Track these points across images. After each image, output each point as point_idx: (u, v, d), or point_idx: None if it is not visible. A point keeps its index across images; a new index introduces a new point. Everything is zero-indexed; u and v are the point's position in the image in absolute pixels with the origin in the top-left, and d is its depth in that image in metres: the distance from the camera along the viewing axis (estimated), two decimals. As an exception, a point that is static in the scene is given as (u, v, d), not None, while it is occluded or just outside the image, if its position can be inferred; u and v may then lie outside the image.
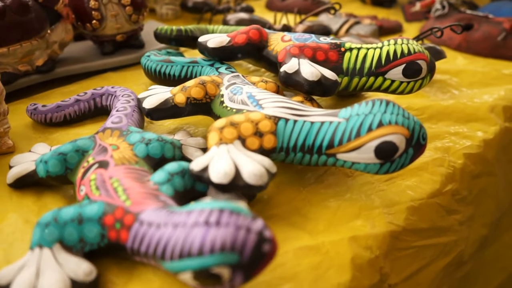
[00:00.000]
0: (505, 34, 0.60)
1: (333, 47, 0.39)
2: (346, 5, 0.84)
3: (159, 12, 0.75)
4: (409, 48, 0.37)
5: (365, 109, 0.29)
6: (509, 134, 0.45)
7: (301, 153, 0.30)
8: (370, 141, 0.28)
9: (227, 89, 0.36)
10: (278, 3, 0.78)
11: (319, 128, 0.30)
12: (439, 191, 0.34)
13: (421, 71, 0.37)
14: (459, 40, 0.63)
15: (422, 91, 0.49)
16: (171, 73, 0.44)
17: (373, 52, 0.38)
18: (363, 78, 0.39)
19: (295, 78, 0.35)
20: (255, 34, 0.42)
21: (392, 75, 0.38)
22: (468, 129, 0.43)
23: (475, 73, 0.54)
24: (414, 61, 0.37)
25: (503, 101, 0.47)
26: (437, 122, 0.43)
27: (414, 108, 0.44)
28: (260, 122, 0.30)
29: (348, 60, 0.39)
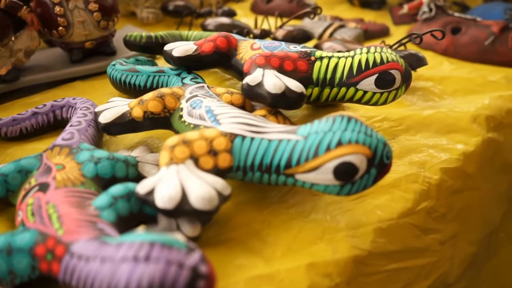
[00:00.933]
0: (494, 38, 0.58)
1: (302, 56, 0.37)
2: (334, 7, 0.83)
3: (140, 16, 0.74)
4: (382, 57, 0.36)
5: (325, 126, 0.27)
6: (493, 145, 0.43)
7: (259, 172, 0.29)
8: (328, 162, 0.26)
9: (187, 102, 0.34)
10: (262, 5, 0.76)
11: (276, 147, 0.28)
12: (411, 210, 0.33)
13: (395, 81, 0.36)
14: (446, 45, 0.61)
15: (402, 100, 0.48)
16: (136, 83, 0.42)
17: (345, 61, 0.37)
18: (334, 88, 0.37)
19: (257, 90, 0.33)
20: (222, 42, 0.40)
21: (364, 86, 0.36)
22: (448, 141, 0.41)
23: (460, 80, 0.52)
24: (386, 71, 0.35)
25: (487, 111, 0.45)
26: (415, 134, 0.41)
27: (391, 118, 0.43)
28: (215, 140, 0.28)
29: (318, 70, 0.37)
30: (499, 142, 0.44)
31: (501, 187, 0.45)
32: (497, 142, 0.44)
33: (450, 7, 0.68)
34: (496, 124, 0.45)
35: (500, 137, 0.45)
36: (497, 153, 0.44)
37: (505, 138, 0.45)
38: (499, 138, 0.44)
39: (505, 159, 0.46)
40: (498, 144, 0.44)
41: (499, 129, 0.45)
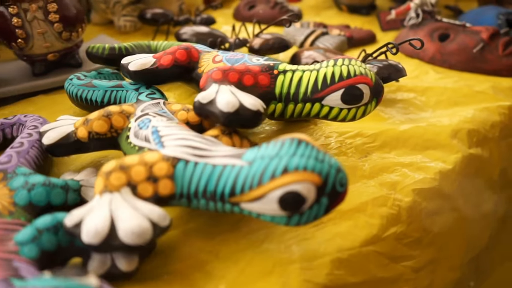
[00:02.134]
0: (483, 45, 0.56)
1: (265, 69, 0.36)
2: (321, 12, 0.81)
3: (117, 24, 0.73)
4: (349, 70, 0.34)
5: (272, 150, 0.25)
6: (476, 161, 0.41)
7: (204, 200, 0.27)
8: (273, 191, 0.24)
9: (136, 122, 0.32)
10: (244, 12, 0.75)
11: (220, 173, 0.26)
12: (377, 236, 0.31)
13: (362, 96, 0.34)
14: (433, 52, 0.59)
15: (380, 113, 0.46)
16: (93, 99, 0.40)
17: (309, 75, 0.35)
18: (299, 104, 0.35)
19: (209, 109, 0.31)
20: (182, 54, 0.39)
21: (329, 101, 0.34)
22: (425, 158, 0.39)
23: (444, 90, 0.50)
24: (353, 86, 0.34)
25: (469, 124, 0.43)
26: (389, 151, 0.39)
27: (365, 134, 0.41)
28: (155, 165, 0.27)
29: (281, 84, 0.35)
30: (483, 158, 0.42)
31: (487, 206, 0.43)
32: (481, 158, 0.42)
33: (439, 13, 0.66)
34: (480, 138, 0.43)
35: (484, 152, 0.43)
36: (480, 170, 0.42)
37: (490, 154, 0.43)
38: (483, 154, 0.42)
39: (490, 176, 0.44)
40: (481, 160, 0.42)
41: (483, 144, 0.43)
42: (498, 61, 0.55)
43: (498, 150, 0.45)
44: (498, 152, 0.45)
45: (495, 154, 0.44)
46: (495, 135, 0.45)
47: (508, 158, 0.46)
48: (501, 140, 0.46)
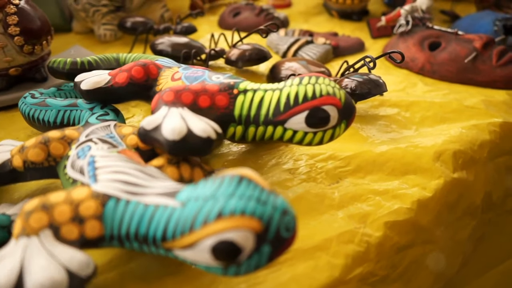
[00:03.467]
0: (475, 55, 0.52)
1: (224, 89, 0.33)
2: (309, 19, 0.78)
3: (97, 33, 0.70)
4: (314, 90, 0.31)
5: (209, 190, 0.22)
6: (459, 187, 0.38)
7: (136, 243, 0.24)
8: (205, 239, 0.21)
9: (77, 149, 0.30)
10: (229, 19, 0.72)
11: (152, 214, 0.23)
12: (339, 280, 0.28)
13: (329, 119, 0.31)
14: (422, 62, 0.55)
15: (358, 132, 0.42)
16: (45, 119, 0.38)
17: (271, 95, 0.32)
18: (260, 127, 0.32)
19: (153, 136, 0.28)
20: (138, 72, 0.36)
21: (293, 124, 0.31)
22: (402, 184, 0.35)
23: (432, 105, 0.47)
24: (318, 107, 0.30)
25: (455, 144, 0.40)
26: (364, 176, 0.36)
27: (339, 157, 0.37)
28: (82, 204, 0.24)
29: (241, 105, 0.32)
30: (468, 182, 0.39)
31: (464, 232, 0.39)
32: (465, 183, 0.38)
33: (431, 19, 0.62)
34: (466, 160, 0.40)
35: (469, 176, 0.39)
36: (463, 195, 0.38)
37: (475, 177, 0.40)
38: (467, 178, 0.39)
39: (473, 201, 0.40)
40: (465, 185, 0.38)
41: (469, 166, 0.40)
42: (491, 72, 0.52)
43: (484, 172, 0.41)
44: (484, 174, 0.41)
45: (481, 177, 0.41)
46: (483, 156, 0.41)
47: (494, 181, 0.43)
48: (488, 162, 0.42)
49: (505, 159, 0.45)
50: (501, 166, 0.44)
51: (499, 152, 0.44)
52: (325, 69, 0.51)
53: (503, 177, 0.45)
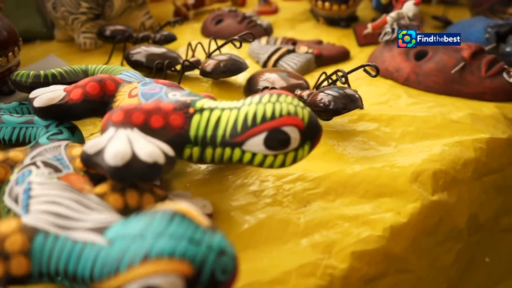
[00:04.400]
0: (463, 65, 0.50)
1: (179, 107, 0.31)
2: (296, 25, 0.76)
3: (77, 41, 0.68)
4: (274, 109, 0.29)
5: (139, 227, 0.20)
6: (439, 210, 0.35)
7: (67, 281, 0.22)
8: (129, 283, 0.19)
9: (18, 174, 0.28)
10: (211, 27, 0.70)
11: (80, 251, 0.21)
12: (296, 319, 0.25)
13: (289, 141, 0.28)
14: (408, 72, 0.53)
15: (334, 149, 0.40)
16: (0, 137, 0.36)
17: (229, 114, 0.30)
18: (217, 149, 0.30)
19: (96, 161, 0.26)
20: (93, 88, 0.34)
21: (251, 146, 0.29)
22: (375, 209, 0.33)
23: (414, 120, 0.44)
24: (278, 129, 0.28)
25: (436, 164, 0.38)
26: (334, 199, 0.34)
27: (308, 178, 0.35)
28: (8, 238, 0.22)
29: (197, 125, 0.30)
30: (449, 204, 0.36)
31: (447, 258, 0.37)
32: (446, 205, 0.36)
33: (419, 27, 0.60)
34: (447, 180, 0.37)
35: (451, 197, 0.37)
36: (444, 219, 0.36)
37: (457, 199, 0.37)
38: (449, 200, 0.37)
39: (456, 224, 0.37)
40: (446, 207, 0.36)
41: (451, 187, 0.37)
42: (479, 83, 0.49)
43: (468, 193, 0.39)
44: (469, 195, 0.39)
45: (465, 199, 0.38)
46: (467, 175, 0.39)
47: (480, 202, 0.41)
48: (473, 181, 0.40)
49: (493, 178, 0.42)
50: (488, 185, 0.42)
51: (486, 171, 0.42)
52: (303, 81, 0.49)
53: (492, 197, 0.43)
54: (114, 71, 0.44)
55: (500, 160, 0.43)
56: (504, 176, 0.44)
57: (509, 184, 0.45)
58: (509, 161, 0.44)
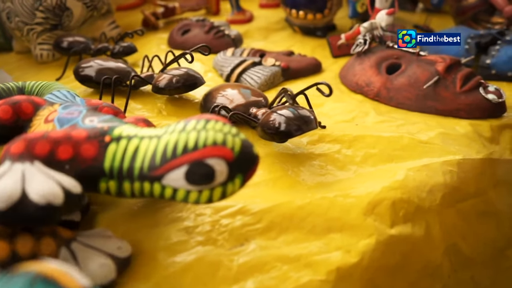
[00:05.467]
0: (437, 79, 0.47)
1: (94, 135, 0.27)
2: (272, 34, 0.73)
3: (34, 53, 0.65)
4: (198, 138, 0.25)
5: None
6: (400, 245, 0.32)
7: None
8: None
9: None
10: (177, 37, 0.67)
11: None
12: None
13: (214, 175, 0.25)
14: (379, 87, 0.50)
15: (287, 174, 0.37)
16: None
17: (148, 144, 0.26)
18: (136, 183, 0.27)
19: (-21, 202, 0.23)
20: (5, 111, 0.31)
21: (171, 181, 0.26)
22: (322, 247, 0.30)
23: (379, 140, 0.41)
24: (200, 161, 0.25)
25: (397, 192, 0.34)
26: (276, 236, 0.30)
27: (250, 211, 0.32)
28: None
29: (112, 155, 0.27)
30: (415, 238, 0.33)
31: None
32: (411, 239, 0.32)
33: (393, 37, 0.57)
34: (410, 211, 0.34)
35: (417, 229, 0.33)
36: (412, 254, 0.32)
37: (426, 230, 0.34)
38: (414, 232, 0.33)
39: (430, 260, 0.34)
40: (412, 241, 0.32)
41: (416, 217, 0.34)
42: (454, 99, 0.46)
43: (440, 223, 0.35)
44: (442, 225, 0.36)
45: (436, 229, 0.35)
46: (435, 203, 0.36)
47: (460, 231, 0.37)
48: (445, 209, 0.36)
49: (472, 204, 0.39)
50: (468, 212, 0.38)
51: (461, 196, 0.38)
52: (263, 98, 0.46)
53: (476, 226, 0.39)
54: (52, 89, 0.41)
55: (478, 183, 0.40)
56: (486, 201, 0.40)
57: (498, 209, 0.41)
58: (490, 183, 0.41)
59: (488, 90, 0.46)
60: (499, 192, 0.41)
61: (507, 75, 0.54)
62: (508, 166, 0.42)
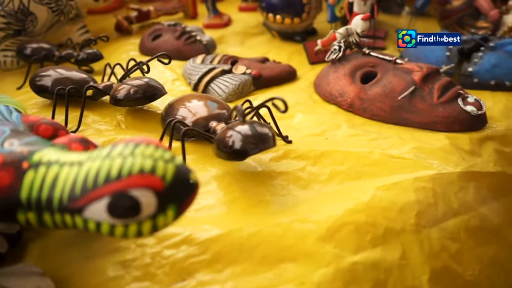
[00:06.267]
0: (413, 89, 0.44)
1: (10, 161, 0.25)
2: (249, 39, 0.70)
3: (-3, 59, 0.63)
4: (122, 166, 0.23)
5: None
6: (371, 271, 0.29)
7: None
8: None
9: None
10: (148, 43, 0.64)
11: None
12: None
13: (139, 207, 0.22)
14: (352, 97, 0.47)
15: (244, 195, 0.34)
16: None
17: (68, 172, 0.24)
18: (56, 215, 0.24)
19: None
20: None
21: (92, 214, 0.23)
22: (274, 279, 0.27)
23: (347, 156, 0.38)
24: (123, 193, 0.22)
25: (361, 215, 0.31)
26: (222, 269, 0.28)
27: (196, 240, 0.29)
28: None
29: (29, 184, 0.24)
30: (387, 263, 0.30)
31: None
32: (382, 266, 0.30)
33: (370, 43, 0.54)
34: (378, 234, 0.31)
35: (389, 254, 0.31)
36: (388, 281, 0.29)
37: (402, 253, 0.31)
38: (385, 258, 0.30)
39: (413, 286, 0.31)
40: (383, 268, 0.30)
41: (387, 241, 0.31)
42: (431, 111, 0.44)
43: (420, 244, 0.33)
44: (422, 247, 0.33)
45: (415, 252, 0.32)
46: (408, 223, 0.33)
47: (451, 251, 0.34)
48: (425, 228, 0.34)
49: (461, 220, 0.36)
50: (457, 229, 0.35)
51: (444, 213, 0.35)
52: (227, 110, 0.43)
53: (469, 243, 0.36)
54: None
55: (461, 198, 0.37)
56: (478, 217, 0.37)
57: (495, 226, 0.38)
58: (477, 198, 0.38)
59: (467, 102, 0.44)
60: (493, 207, 0.38)
61: (490, 83, 0.52)
62: (495, 179, 0.39)
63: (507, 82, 0.52)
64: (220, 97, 0.50)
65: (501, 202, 0.39)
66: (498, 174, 0.40)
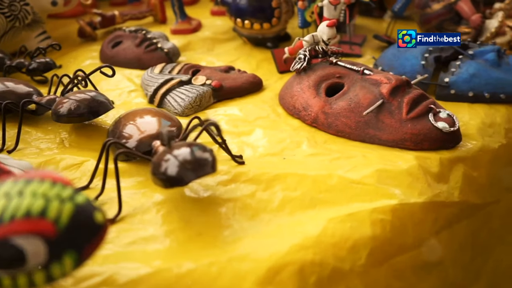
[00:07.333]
0: (381, 103, 0.42)
1: None
2: (219, 45, 0.67)
3: None
4: (5, 209, 0.20)
5: None
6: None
7: None
8: None
9: None
10: (107, 51, 0.61)
11: None
12: None
13: (24, 257, 0.20)
14: (316, 112, 0.44)
15: (177, 228, 0.31)
16: None
17: None
18: None
19: None
20: None
21: (-26, 264, 0.20)
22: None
23: (302, 180, 0.35)
24: (3, 241, 0.20)
25: (308, 252, 0.29)
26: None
27: (117, 282, 0.26)
28: None
29: None
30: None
31: None
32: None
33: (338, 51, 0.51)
34: (324, 275, 0.29)
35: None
36: None
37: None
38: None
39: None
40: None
41: (333, 283, 0.29)
42: (399, 127, 0.41)
43: (366, 286, 0.30)
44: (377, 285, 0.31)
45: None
46: (360, 262, 0.30)
47: None
48: (374, 268, 0.31)
49: (410, 257, 0.34)
50: (404, 268, 0.33)
51: (397, 250, 0.33)
52: (176, 128, 0.40)
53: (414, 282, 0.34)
54: None
55: (417, 232, 0.35)
56: (427, 252, 0.35)
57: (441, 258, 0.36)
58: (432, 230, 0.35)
59: (438, 117, 0.41)
60: (442, 238, 0.36)
61: (467, 95, 0.49)
62: (454, 209, 0.36)
63: (486, 93, 0.49)
64: (175, 111, 0.47)
65: (450, 230, 0.36)
66: (460, 203, 0.37)
